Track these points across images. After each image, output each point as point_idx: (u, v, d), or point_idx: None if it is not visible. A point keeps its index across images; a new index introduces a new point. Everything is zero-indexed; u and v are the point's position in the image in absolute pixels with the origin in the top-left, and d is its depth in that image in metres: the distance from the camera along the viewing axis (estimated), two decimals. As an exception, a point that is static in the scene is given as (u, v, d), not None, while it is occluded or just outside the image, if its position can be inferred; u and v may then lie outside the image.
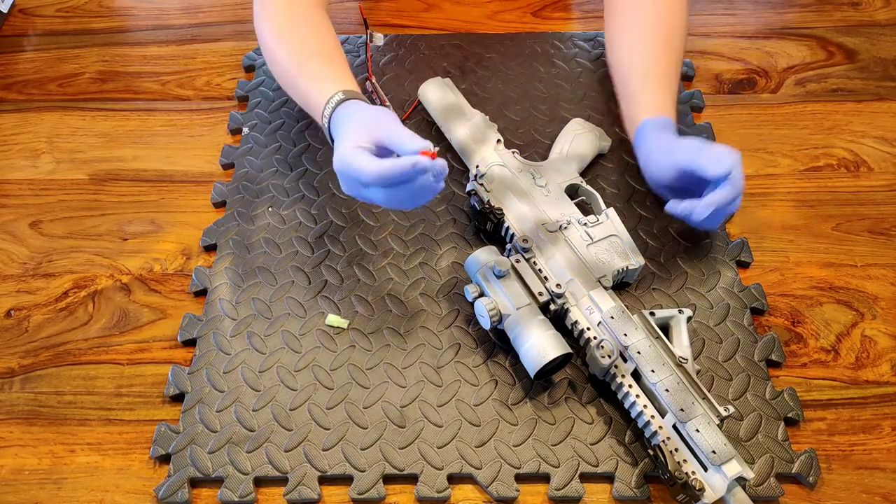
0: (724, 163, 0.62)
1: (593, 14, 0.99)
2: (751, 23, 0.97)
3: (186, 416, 0.62)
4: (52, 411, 0.64)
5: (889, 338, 0.67)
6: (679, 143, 0.67)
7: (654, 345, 0.59)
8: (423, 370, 0.64)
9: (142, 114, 0.88)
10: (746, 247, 0.73)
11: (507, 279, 0.63)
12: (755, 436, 0.60)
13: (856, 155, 0.82)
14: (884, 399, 0.64)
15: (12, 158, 0.84)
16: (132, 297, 0.71)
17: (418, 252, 0.73)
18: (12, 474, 0.61)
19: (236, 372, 0.65)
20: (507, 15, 0.99)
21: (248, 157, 0.81)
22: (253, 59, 0.93)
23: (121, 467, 0.61)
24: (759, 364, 0.64)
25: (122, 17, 1.01)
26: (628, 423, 0.61)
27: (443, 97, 0.79)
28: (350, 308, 0.69)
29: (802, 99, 0.88)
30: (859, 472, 0.60)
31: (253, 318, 0.68)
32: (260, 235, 0.74)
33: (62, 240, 0.76)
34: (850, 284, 0.71)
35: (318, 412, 0.62)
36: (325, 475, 0.59)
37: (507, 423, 0.61)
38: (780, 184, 0.79)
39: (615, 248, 0.67)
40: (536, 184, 0.71)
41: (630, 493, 0.58)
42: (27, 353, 0.68)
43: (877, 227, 0.75)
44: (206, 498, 0.59)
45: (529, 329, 0.60)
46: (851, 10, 0.99)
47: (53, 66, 0.94)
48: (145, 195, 0.80)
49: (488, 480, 0.59)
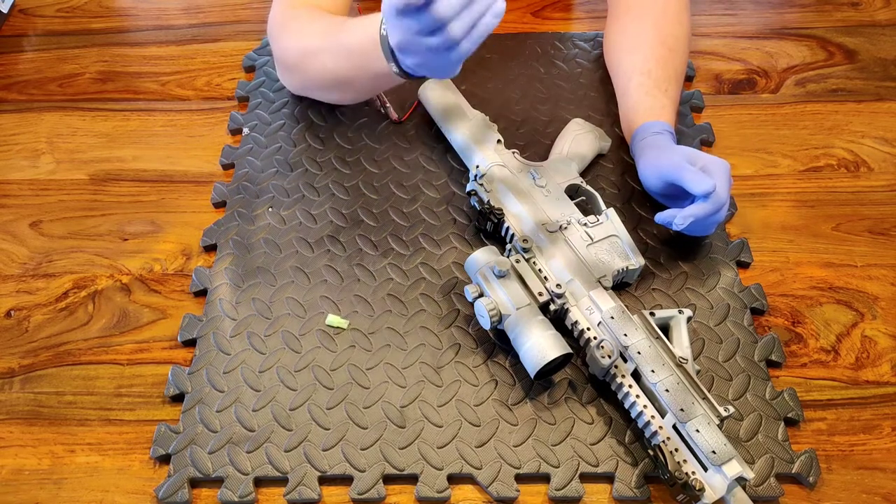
0: (705, 183, 0.63)
1: (593, 14, 0.99)
2: (751, 23, 0.97)
3: (186, 417, 0.62)
4: (52, 411, 0.64)
5: (889, 338, 0.67)
6: (668, 153, 0.68)
7: (654, 345, 0.59)
8: (423, 370, 0.64)
9: (142, 114, 0.88)
10: (746, 247, 0.73)
11: (507, 279, 0.63)
12: (755, 436, 0.60)
13: (856, 155, 0.82)
14: (884, 399, 0.64)
15: (12, 158, 0.84)
16: (132, 297, 0.71)
17: (418, 252, 0.73)
18: (12, 474, 0.61)
19: (236, 372, 0.65)
20: (507, 15, 0.98)
21: (248, 158, 0.81)
22: (253, 60, 0.93)
23: (121, 467, 0.61)
24: (759, 364, 0.64)
25: (122, 17, 1.01)
26: (628, 423, 0.61)
27: (443, 97, 0.79)
28: (350, 308, 0.69)
29: (802, 99, 0.88)
30: (859, 472, 0.60)
31: (253, 318, 0.68)
32: (260, 236, 0.74)
33: (62, 240, 0.76)
34: (850, 284, 0.71)
35: (318, 412, 0.62)
36: (325, 475, 0.59)
37: (507, 423, 0.61)
38: (780, 184, 0.79)
39: (615, 249, 0.67)
40: (536, 184, 0.71)
41: (630, 494, 0.58)
42: (27, 353, 0.68)
43: (877, 228, 0.75)
44: (206, 498, 0.59)
45: (529, 329, 0.60)
46: (851, 10, 0.99)
47: (53, 66, 0.94)
48: (145, 195, 0.80)
49: (488, 480, 0.59)
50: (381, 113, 0.84)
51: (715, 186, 0.63)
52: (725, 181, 0.64)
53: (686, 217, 0.64)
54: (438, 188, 0.78)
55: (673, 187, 0.68)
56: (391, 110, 0.83)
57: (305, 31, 0.72)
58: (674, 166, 0.66)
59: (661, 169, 0.67)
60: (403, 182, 0.78)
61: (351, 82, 0.71)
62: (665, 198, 0.71)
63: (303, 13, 0.74)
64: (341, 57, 0.68)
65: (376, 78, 0.66)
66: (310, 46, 0.72)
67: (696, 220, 0.64)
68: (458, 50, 0.54)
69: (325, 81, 0.74)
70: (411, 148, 0.81)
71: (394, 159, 0.80)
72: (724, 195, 0.64)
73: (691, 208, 0.64)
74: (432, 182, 0.78)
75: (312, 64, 0.72)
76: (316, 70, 0.73)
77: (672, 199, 0.71)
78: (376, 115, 0.84)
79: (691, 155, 0.66)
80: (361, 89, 0.74)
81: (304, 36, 0.72)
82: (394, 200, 0.77)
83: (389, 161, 0.80)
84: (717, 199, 0.64)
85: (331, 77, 0.72)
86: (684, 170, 0.65)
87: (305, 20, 0.73)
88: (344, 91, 0.76)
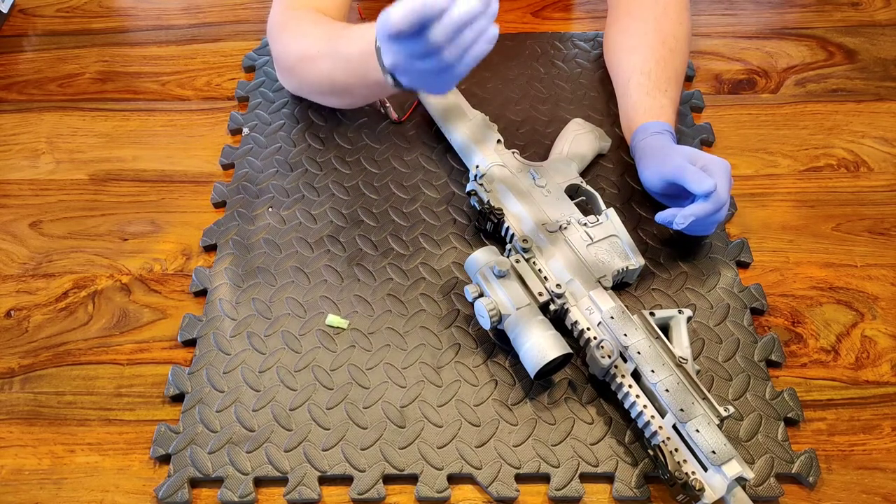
0: (706, 182, 0.63)
1: (593, 14, 0.99)
2: (751, 23, 0.97)
3: (186, 417, 0.62)
4: (52, 411, 0.64)
5: (889, 338, 0.67)
6: (669, 153, 0.68)
7: (654, 345, 0.59)
8: (423, 370, 0.64)
9: (142, 114, 0.88)
10: (746, 247, 0.73)
11: (507, 279, 0.63)
12: (755, 436, 0.60)
13: (856, 155, 0.82)
14: (884, 399, 0.64)
15: (12, 158, 0.84)
16: (132, 297, 0.71)
17: (418, 252, 0.73)
18: (12, 474, 0.61)
19: (236, 372, 0.65)
20: (507, 15, 0.99)
21: (248, 158, 0.81)
22: (253, 60, 0.93)
23: (121, 467, 0.61)
24: (759, 364, 0.64)
25: (122, 17, 1.01)
26: (628, 423, 0.61)
27: (443, 97, 0.79)
28: (350, 308, 0.69)
29: (802, 99, 0.88)
30: (859, 472, 0.60)
31: (253, 318, 0.68)
32: (260, 236, 0.74)
33: (62, 240, 0.76)
34: (850, 284, 0.71)
35: (318, 412, 0.62)
36: (325, 475, 0.59)
37: (507, 423, 0.61)
38: (780, 184, 0.79)
39: (615, 249, 0.67)
40: (536, 184, 0.71)
41: (630, 494, 0.58)
42: (27, 353, 0.68)
43: (877, 227, 0.75)
44: (206, 498, 0.59)
45: (529, 329, 0.60)
46: (851, 10, 0.99)
47: (53, 66, 0.94)
48: (145, 195, 0.80)
49: (488, 480, 0.59)
50: (381, 113, 0.84)
51: (716, 186, 0.63)
52: (726, 181, 0.64)
53: (687, 216, 0.64)
54: (438, 188, 0.78)
55: (673, 187, 0.68)
56: (391, 110, 0.83)
57: (304, 34, 0.72)
58: (675, 166, 0.66)
59: (662, 168, 0.67)
60: (403, 182, 0.78)
61: (348, 89, 0.71)
62: (665, 197, 0.72)
63: (302, 15, 0.74)
64: (338, 65, 0.68)
65: (373, 86, 0.66)
66: (307, 52, 0.72)
67: (697, 220, 0.64)
68: (452, 73, 0.55)
69: (322, 87, 0.74)
70: (411, 148, 0.81)
71: (394, 159, 0.80)
72: (724, 195, 0.64)
73: (692, 208, 0.64)
74: (432, 182, 0.78)
75: (310, 70, 0.72)
76: (313, 76, 0.73)
77: (672, 199, 0.71)
78: (376, 115, 0.84)
79: (692, 154, 0.66)
80: (359, 96, 0.74)
81: (303, 40, 0.72)
82: (394, 200, 0.77)
83: (389, 161, 0.80)
84: (718, 199, 0.64)
85: (328, 84, 0.72)
86: (685, 169, 0.65)
87: (304, 23, 0.73)
88: (341, 97, 0.76)
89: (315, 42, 0.71)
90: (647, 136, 0.71)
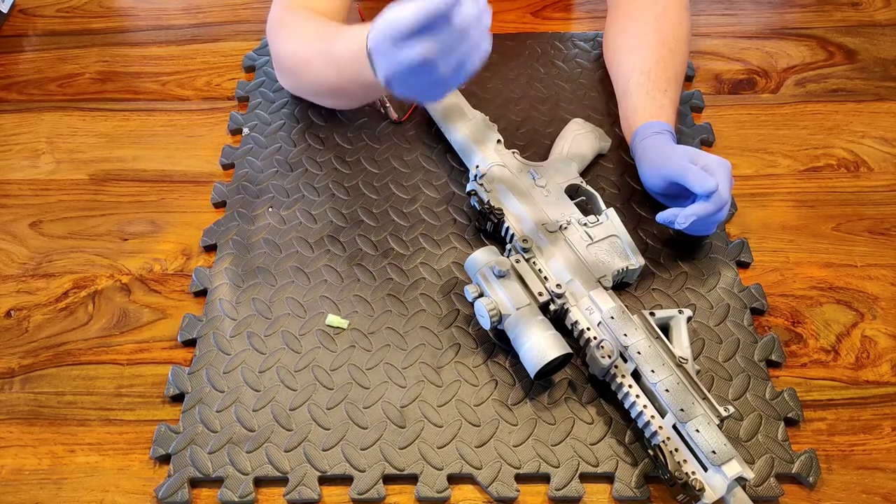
0: (707, 182, 0.63)
1: (593, 14, 0.99)
2: (751, 23, 0.97)
3: (186, 417, 0.62)
4: (52, 411, 0.64)
5: (889, 338, 0.67)
6: (670, 153, 0.68)
7: (654, 345, 0.59)
8: (423, 370, 0.64)
9: (142, 114, 0.88)
10: (746, 247, 0.73)
11: (507, 279, 0.63)
12: (755, 436, 0.60)
13: (856, 155, 0.82)
14: (884, 399, 0.64)
15: (12, 158, 0.84)
16: (132, 297, 0.71)
17: (418, 252, 0.73)
18: (12, 474, 0.61)
19: (236, 372, 0.65)
20: (507, 15, 0.99)
21: (248, 158, 0.81)
22: (253, 60, 0.93)
23: (121, 467, 0.61)
24: (759, 364, 0.64)
25: (122, 17, 1.01)
26: (628, 423, 0.61)
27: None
28: (350, 308, 0.69)
29: (802, 99, 0.88)
30: (859, 472, 0.60)
31: (253, 318, 0.68)
32: (260, 236, 0.74)
33: (62, 240, 0.76)
34: (850, 284, 0.71)
35: (318, 412, 0.62)
36: (325, 475, 0.59)
37: (507, 423, 0.61)
38: (780, 184, 0.79)
39: (615, 249, 0.67)
40: (536, 184, 0.71)
41: (630, 494, 0.58)
42: (27, 353, 0.68)
43: (877, 227, 0.75)
44: (206, 498, 0.59)
45: (529, 329, 0.60)
46: (851, 10, 0.99)
47: (53, 66, 0.94)
48: (145, 195, 0.80)
49: (488, 480, 0.59)
50: (381, 113, 0.84)
51: (718, 185, 0.63)
52: (727, 180, 0.64)
53: (688, 216, 0.64)
54: (438, 188, 0.78)
55: (674, 187, 0.68)
56: (391, 110, 0.83)
57: (299, 34, 0.72)
58: (676, 165, 0.66)
59: (663, 168, 0.67)
60: (403, 182, 0.78)
61: (342, 90, 0.71)
62: (666, 197, 0.72)
63: (300, 15, 0.74)
64: (333, 67, 0.68)
65: (369, 87, 0.66)
66: (304, 53, 0.72)
67: (698, 220, 0.64)
68: (446, 85, 0.55)
69: (319, 88, 0.74)
70: (411, 148, 0.81)
71: (394, 159, 0.80)
72: (725, 194, 0.64)
73: (693, 207, 0.64)
74: (432, 182, 0.78)
75: (307, 71, 0.72)
76: (310, 77, 0.73)
77: (673, 199, 0.71)
78: (376, 115, 0.84)
79: (692, 154, 0.66)
80: (353, 96, 0.74)
81: (300, 41, 0.72)
82: (394, 200, 0.77)
83: (389, 161, 0.80)
84: (719, 199, 0.64)
85: (325, 85, 0.72)
86: (686, 169, 0.65)
87: (302, 23, 0.73)
88: (338, 98, 0.76)
89: (310, 44, 0.71)
90: (647, 136, 0.71)
